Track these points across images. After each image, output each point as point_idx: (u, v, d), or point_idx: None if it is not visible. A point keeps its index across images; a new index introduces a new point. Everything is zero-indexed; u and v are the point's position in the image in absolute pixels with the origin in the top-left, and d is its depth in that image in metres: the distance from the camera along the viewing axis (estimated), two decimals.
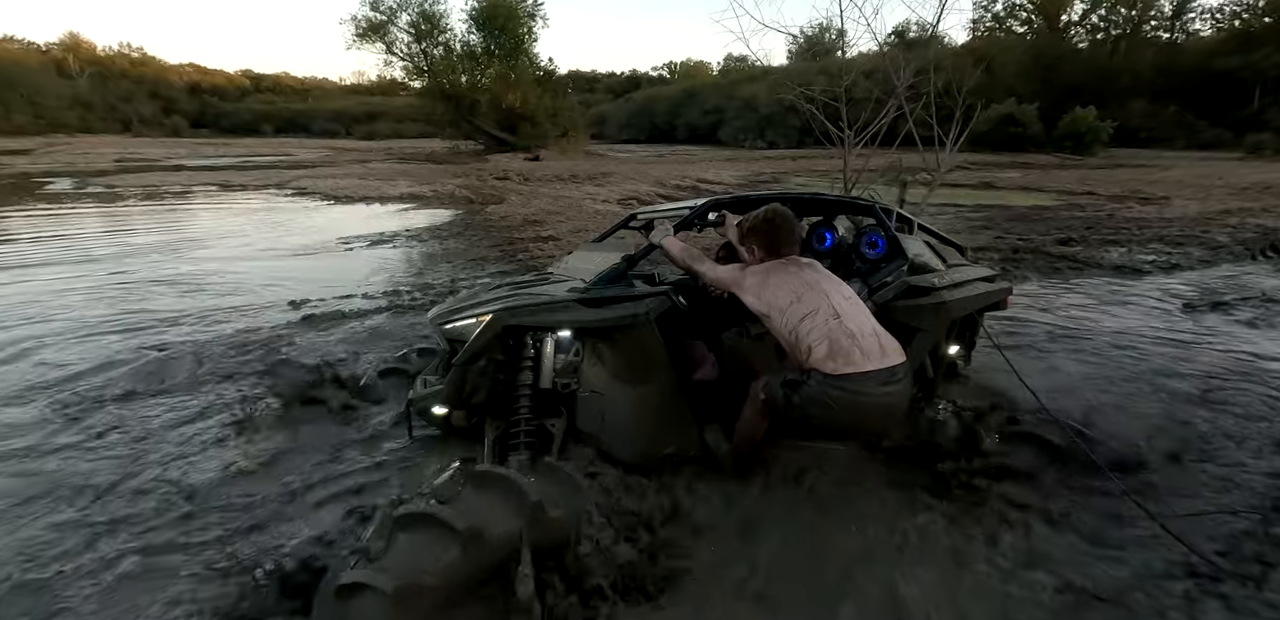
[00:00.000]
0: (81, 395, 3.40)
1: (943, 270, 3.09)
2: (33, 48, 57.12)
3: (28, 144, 31.83)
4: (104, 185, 15.38)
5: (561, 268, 3.25)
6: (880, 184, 8.31)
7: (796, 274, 2.29)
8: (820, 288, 2.21)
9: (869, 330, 2.12)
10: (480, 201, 12.86)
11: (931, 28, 8.16)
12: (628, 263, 2.66)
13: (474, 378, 2.56)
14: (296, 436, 2.97)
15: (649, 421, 2.54)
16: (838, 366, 2.01)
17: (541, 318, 2.50)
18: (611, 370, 2.57)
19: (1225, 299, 5.61)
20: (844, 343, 2.03)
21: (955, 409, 2.96)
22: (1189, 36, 46.43)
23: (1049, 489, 2.55)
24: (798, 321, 2.11)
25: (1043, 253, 7.66)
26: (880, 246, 3.16)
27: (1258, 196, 13.88)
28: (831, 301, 2.15)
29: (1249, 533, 2.29)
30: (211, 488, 2.54)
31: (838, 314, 2.10)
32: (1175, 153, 31.90)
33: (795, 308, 2.14)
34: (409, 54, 31.83)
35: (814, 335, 2.07)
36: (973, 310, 3.22)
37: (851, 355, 2.02)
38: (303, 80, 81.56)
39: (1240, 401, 3.43)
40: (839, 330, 2.06)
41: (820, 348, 2.04)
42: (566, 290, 2.61)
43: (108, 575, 2.04)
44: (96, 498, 2.46)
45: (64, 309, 5.11)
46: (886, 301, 2.81)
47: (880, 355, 2.06)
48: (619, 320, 2.46)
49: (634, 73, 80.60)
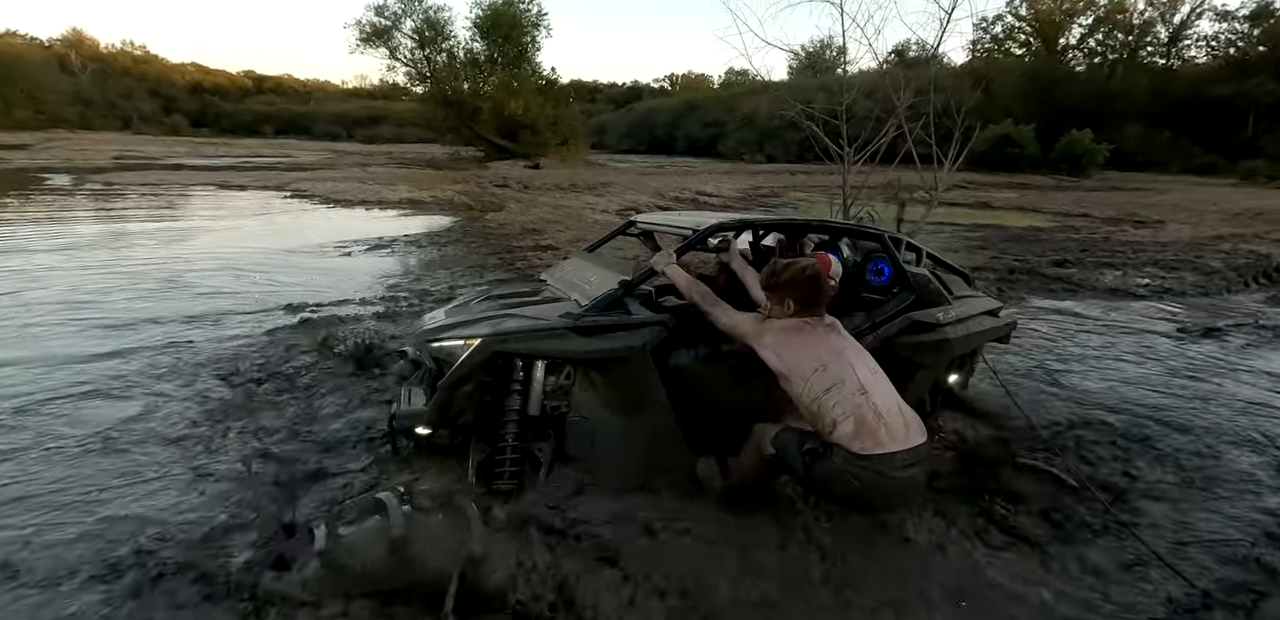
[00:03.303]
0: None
1: (948, 304, 2.98)
2: (35, 43, 57.17)
3: (27, 139, 31.73)
4: (103, 182, 15.34)
5: (556, 277, 3.19)
6: (879, 201, 8.37)
7: (823, 338, 2.19)
8: (846, 358, 2.13)
9: (894, 408, 2.05)
10: (479, 208, 12.88)
11: (932, 49, 8.25)
12: (625, 289, 2.54)
13: (460, 401, 2.47)
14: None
15: (639, 452, 2.49)
16: (865, 447, 1.95)
17: (532, 345, 2.41)
18: (603, 397, 2.49)
19: (1218, 325, 5.65)
20: (871, 421, 1.97)
21: (953, 442, 2.97)
22: (1184, 63, 47.15)
23: (1041, 515, 2.56)
24: (822, 392, 2.04)
25: (1038, 274, 7.72)
26: (886, 274, 3.08)
27: (1249, 222, 14.04)
28: (857, 374, 2.07)
29: (1240, 561, 2.29)
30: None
31: (864, 389, 2.03)
32: (1170, 177, 32.28)
33: (820, 376, 2.07)
34: (412, 60, 32.01)
35: (839, 409, 2.00)
36: (976, 346, 3.18)
37: (878, 434, 1.96)
38: (305, 82, 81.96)
39: (1231, 430, 3.44)
40: (866, 407, 1.99)
41: (846, 424, 1.98)
42: (559, 315, 2.49)
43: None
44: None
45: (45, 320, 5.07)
46: (889, 336, 2.73)
47: (905, 435, 1.99)
48: (613, 353, 2.38)
49: (635, 84, 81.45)
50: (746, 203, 15.98)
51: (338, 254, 7.79)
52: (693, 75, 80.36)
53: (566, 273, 3.20)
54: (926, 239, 9.58)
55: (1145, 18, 47.77)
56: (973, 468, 2.74)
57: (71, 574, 2.03)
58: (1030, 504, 2.62)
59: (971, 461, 2.79)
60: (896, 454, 1.96)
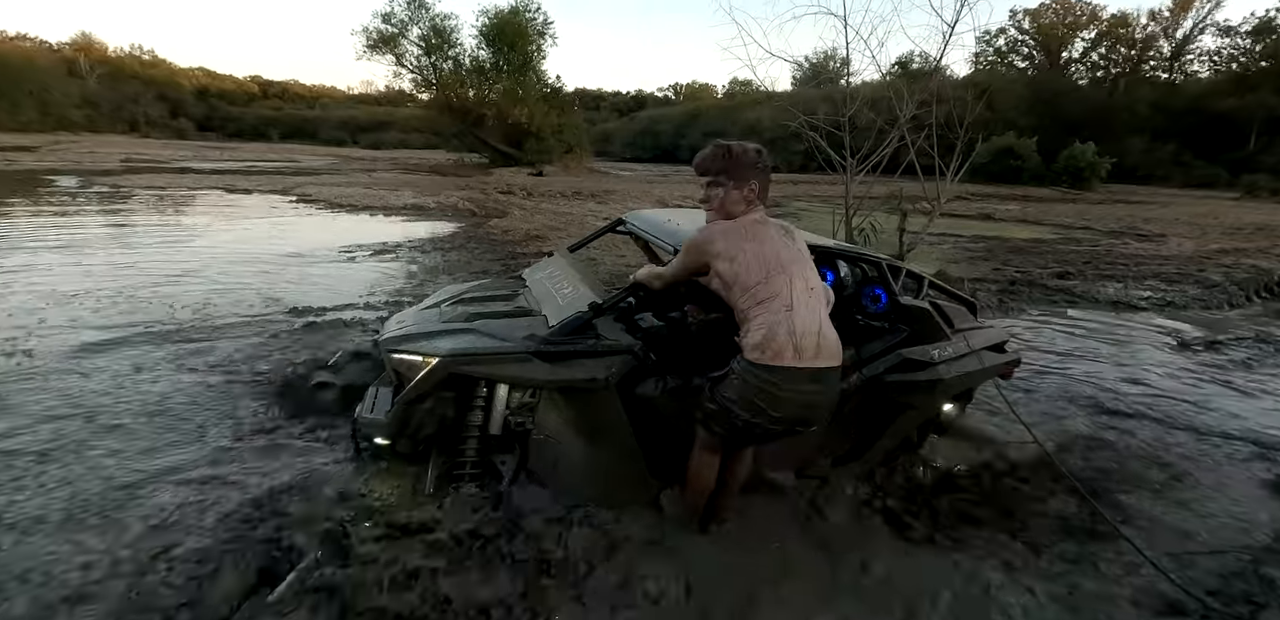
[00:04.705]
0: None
1: (947, 339, 2.80)
2: (45, 47, 57.66)
3: (35, 141, 31.92)
4: (110, 185, 15.41)
5: (534, 279, 3.10)
6: (881, 211, 8.41)
7: (775, 245, 2.08)
8: (789, 271, 2.04)
9: (814, 328, 1.99)
10: (483, 215, 12.93)
11: (935, 61, 8.31)
12: (595, 312, 2.39)
13: (419, 415, 2.42)
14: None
15: (601, 478, 2.42)
16: (765, 358, 1.95)
17: (491, 369, 2.31)
18: (567, 419, 2.39)
19: (1219, 338, 5.66)
20: (782, 338, 1.94)
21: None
22: (1187, 77, 47.44)
23: (1041, 527, 2.57)
24: (755, 304, 2.01)
25: (1040, 285, 7.73)
26: (883, 302, 2.89)
27: (1251, 237, 14.06)
28: (793, 289, 2.01)
29: (1239, 572, 2.30)
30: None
31: (790, 306, 1.98)
32: (1172, 190, 32.36)
33: (760, 288, 2.01)
34: (418, 67, 32.21)
35: (759, 321, 1.98)
36: (973, 386, 3.03)
37: (785, 351, 1.94)
38: (311, 88, 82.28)
39: (1234, 442, 3.45)
40: (784, 324, 1.96)
41: (756, 334, 1.97)
42: (524, 336, 2.37)
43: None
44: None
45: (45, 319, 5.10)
46: (876, 375, 2.61)
47: (813, 355, 1.97)
48: (574, 383, 2.27)
49: (640, 92, 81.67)
50: None
51: (343, 258, 7.82)
52: (697, 85, 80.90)
53: (545, 275, 3.09)
54: (929, 249, 9.66)
55: (1148, 32, 48.16)
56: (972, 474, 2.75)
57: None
58: (1027, 515, 2.63)
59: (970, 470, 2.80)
60: (795, 370, 1.95)
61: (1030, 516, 2.61)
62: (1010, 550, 2.39)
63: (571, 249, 3.57)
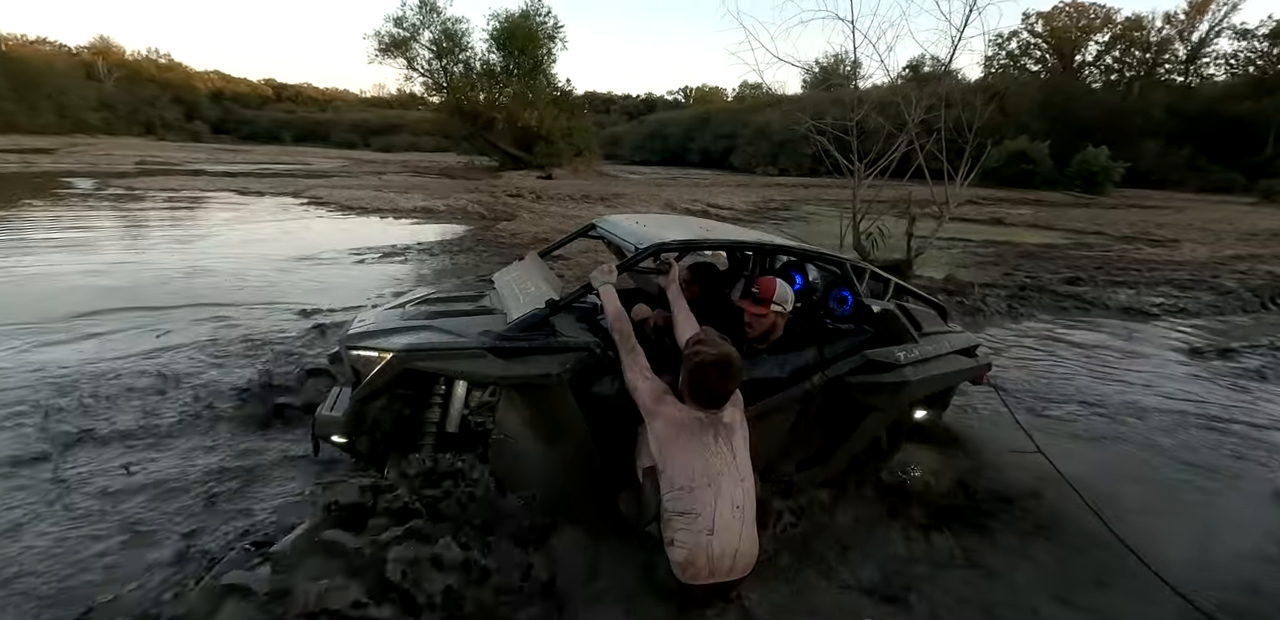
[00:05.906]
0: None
1: (913, 342, 2.78)
2: (64, 50, 58.46)
3: (52, 143, 32.34)
4: (124, 187, 15.57)
5: (502, 281, 3.08)
6: (890, 215, 8.38)
7: (707, 454, 2.03)
8: (718, 484, 2.00)
9: (731, 549, 1.97)
10: (492, 218, 12.98)
11: (944, 65, 8.28)
12: (551, 309, 2.38)
13: (374, 413, 2.39)
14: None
15: (560, 480, 2.40)
16: (683, 576, 1.97)
17: (444, 365, 2.28)
18: (525, 419, 2.35)
19: (1233, 346, 5.59)
20: (700, 562, 1.95)
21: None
22: (1202, 80, 46.99)
23: (1046, 540, 2.54)
24: (676, 513, 1.99)
25: (1050, 291, 7.66)
26: (849, 304, 2.85)
27: (1267, 243, 13.92)
28: (717, 508, 1.97)
29: (1245, 586, 2.27)
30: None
31: (713, 530, 1.95)
32: (1186, 195, 32.05)
33: (683, 495, 1.99)
34: (429, 70, 32.37)
35: (681, 536, 1.96)
36: (941, 388, 2.98)
37: (700, 573, 1.96)
38: (324, 91, 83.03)
39: (1241, 450, 3.41)
40: (703, 548, 1.94)
41: (678, 553, 1.97)
42: (480, 332, 2.35)
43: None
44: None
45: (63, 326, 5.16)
46: (839, 376, 2.58)
47: (727, 572, 1.98)
48: (528, 379, 2.26)
49: (649, 96, 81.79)
50: (758, 216, 15.98)
51: (352, 260, 7.87)
52: (706, 88, 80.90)
53: (512, 278, 3.06)
54: (938, 254, 9.60)
55: (1163, 35, 47.81)
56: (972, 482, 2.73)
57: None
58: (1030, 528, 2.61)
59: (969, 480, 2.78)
60: (709, 585, 1.99)
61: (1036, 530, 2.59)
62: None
63: (543, 253, 3.53)
